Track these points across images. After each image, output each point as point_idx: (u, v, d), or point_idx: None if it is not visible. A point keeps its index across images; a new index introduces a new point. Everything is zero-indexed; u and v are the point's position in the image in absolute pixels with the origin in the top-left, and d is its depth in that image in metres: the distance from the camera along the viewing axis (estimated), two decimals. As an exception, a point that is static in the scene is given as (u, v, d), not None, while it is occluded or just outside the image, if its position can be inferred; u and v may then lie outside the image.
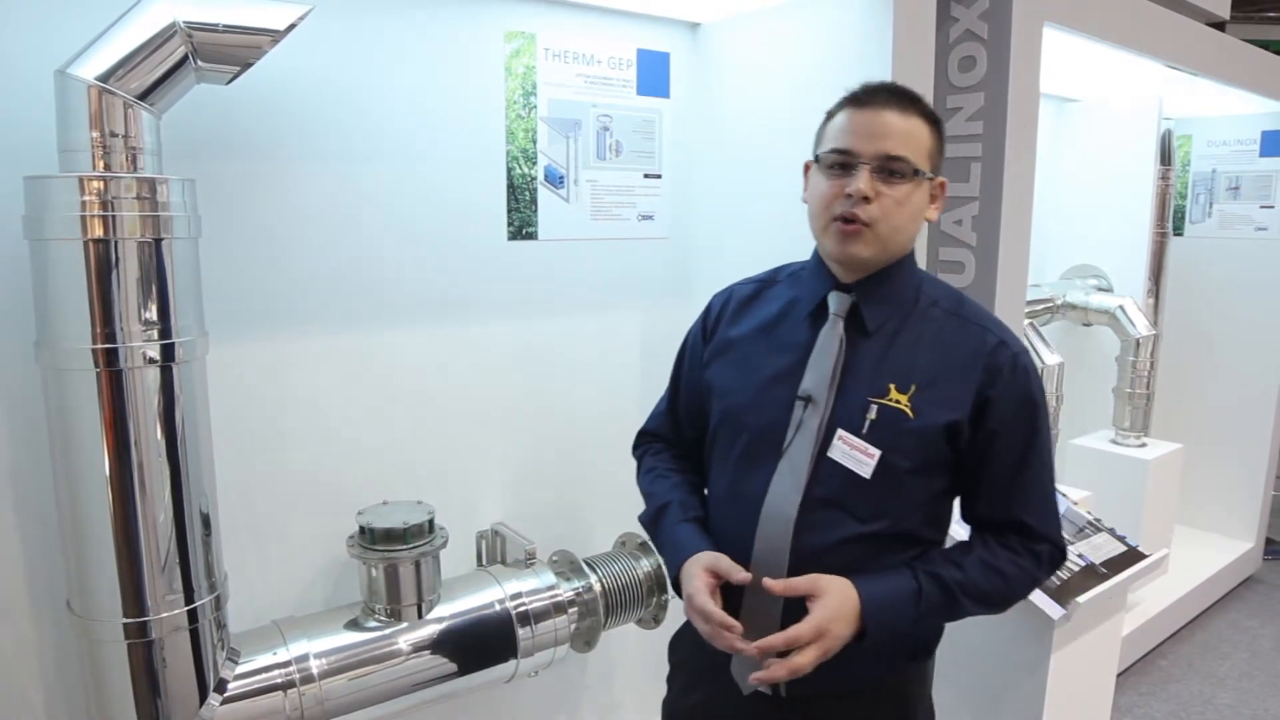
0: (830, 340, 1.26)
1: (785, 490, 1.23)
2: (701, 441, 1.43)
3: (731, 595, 1.26)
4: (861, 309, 1.26)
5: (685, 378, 1.47)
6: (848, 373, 1.25)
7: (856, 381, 1.24)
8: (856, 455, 1.22)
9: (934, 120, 1.26)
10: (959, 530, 1.37)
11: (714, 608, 1.21)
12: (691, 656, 1.45)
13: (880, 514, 1.23)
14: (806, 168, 1.32)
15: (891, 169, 1.20)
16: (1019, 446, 1.25)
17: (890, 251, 1.25)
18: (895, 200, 1.20)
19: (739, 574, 1.22)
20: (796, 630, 1.15)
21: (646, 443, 1.54)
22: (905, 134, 1.21)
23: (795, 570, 1.22)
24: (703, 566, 1.25)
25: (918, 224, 1.27)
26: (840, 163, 1.22)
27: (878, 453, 1.21)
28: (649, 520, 1.42)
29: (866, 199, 1.19)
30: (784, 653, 1.18)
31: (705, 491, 1.44)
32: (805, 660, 1.15)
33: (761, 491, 1.25)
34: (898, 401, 1.22)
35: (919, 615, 1.22)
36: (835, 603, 1.17)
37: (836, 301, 1.27)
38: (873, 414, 1.22)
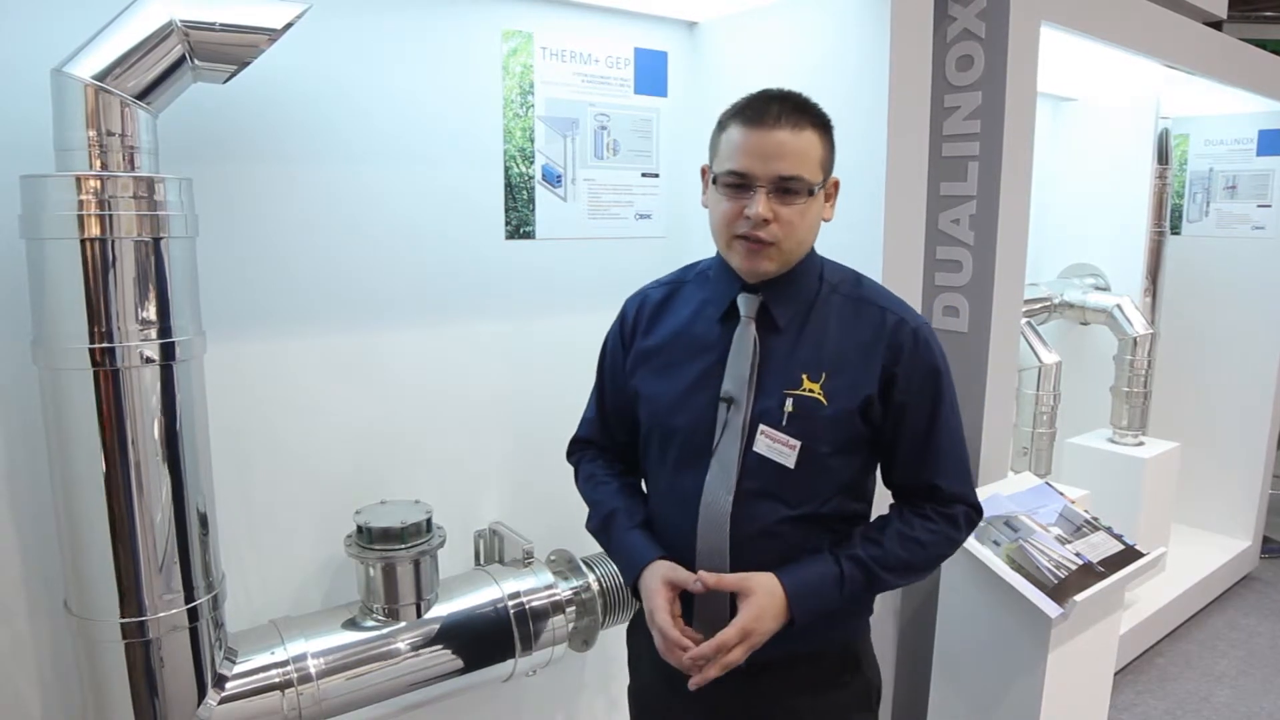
0: (744, 341, 1.32)
1: (718, 487, 1.31)
2: (633, 444, 1.50)
3: (687, 593, 1.33)
4: (770, 308, 1.33)
5: (610, 385, 1.52)
6: (763, 369, 1.31)
7: (772, 377, 1.31)
8: (779, 448, 1.29)
9: (825, 125, 1.30)
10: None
11: (672, 628, 1.28)
12: (648, 640, 1.48)
13: (808, 497, 1.31)
14: (704, 171, 1.35)
15: (787, 188, 1.24)
16: (926, 415, 1.32)
17: (793, 261, 1.32)
18: (793, 218, 1.26)
19: (694, 585, 1.29)
20: (723, 637, 1.24)
21: (580, 450, 1.59)
22: (798, 153, 1.24)
23: (736, 557, 1.31)
24: (661, 580, 1.32)
25: (817, 228, 1.33)
26: (737, 184, 1.26)
27: (798, 443, 1.28)
28: (597, 528, 1.49)
29: (767, 220, 1.24)
30: None
31: (644, 489, 1.50)
32: (734, 658, 1.25)
33: (698, 490, 1.32)
34: (811, 391, 1.29)
35: (843, 596, 1.30)
36: (762, 603, 1.25)
37: (746, 303, 1.33)
38: (789, 406, 1.29)
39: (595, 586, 2.09)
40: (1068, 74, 3.22)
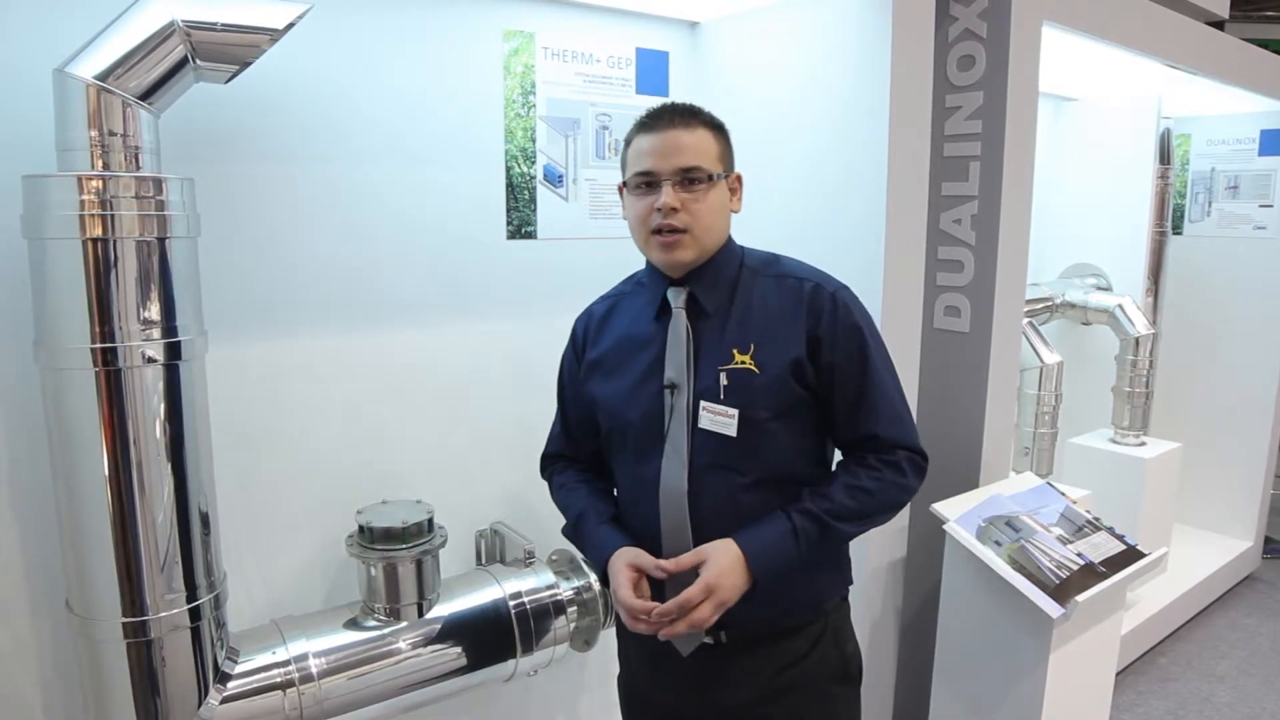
0: (678, 330, 1.42)
1: (673, 468, 1.40)
2: (600, 453, 1.59)
3: (659, 582, 1.40)
4: (697, 296, 1.43)
5: (570, 398, 1.62)
6: (699, 352, 1.41)
7: (707, 358, 1.40)
8: (720, 419, 1.37)
9: (716, 126, 1.43)
10: None
11: (633, 598, 1.35)
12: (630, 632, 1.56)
13: (757, 463, 1.38)
14: (620, 189, 1.46)
15: (690, 178, 1.37)
16: (856, 370, 1.39)
17: (707, 248, 1.41)
18: (698, 205, 1.37)
19: (655, 571, 1.37)
20: (687, 594, 1.30)
21: (551, 464, 1.68)
22: (694, 147, 1.37)
23: (698, 534, 1.38)
24: (625, 563, 1.39)
25: (725, 217, 1.44)
26: (645, 183, 1.38)
27: (735, 410, 1.36)
28: (570, 530, 1.57)
29: (675, 209, 1.36)
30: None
31: (615, 492, 1.58)
32: (702, 615, 1.30)
33: (656, 475, 1.41)
34: (743, 363, 1.38)
35: (800, 550, 1.36)
36: (721, 562, 1.32)
37: (674, 295, 1.44)
38: (724, 380, 1.38)
39: (597, 586, 2.09)
40: (1069, 74, 3.21)
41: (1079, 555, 2.12)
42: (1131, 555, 2.20)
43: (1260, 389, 3.99)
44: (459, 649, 1.88)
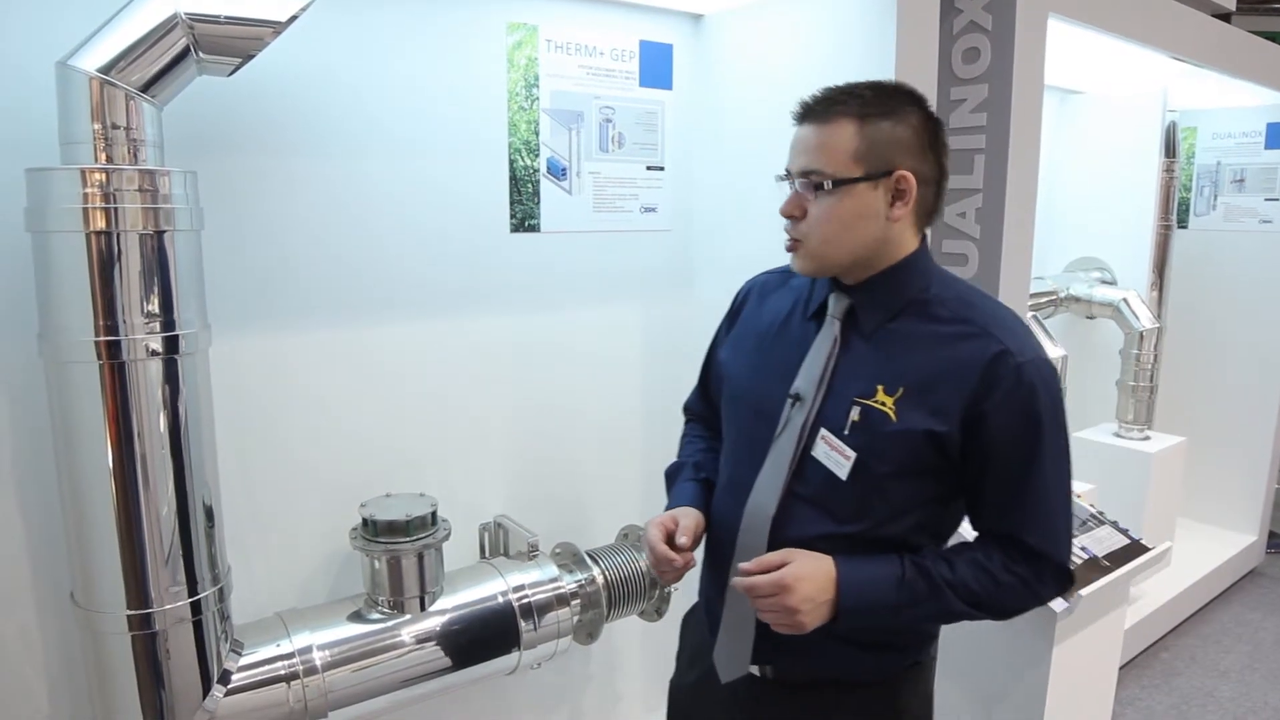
0: (825, 341, 1.27)
1: (768, 485, 1.26)
2: None
3: (719, 572, 1.33)
4: (858, 311, 1.26)
5: (713, 357, 1.52)
6: (839, 373, 1.24)
7: (846, 382, 1.24)
8: (835, 455, 1.21)
9: (869, 115, 1.20)
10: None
11: (660, 544, 1.27)
12: (692, 633, 1.51)
13: (859, 516, 1.22)
14: None
15: (811, 184, 1.21)
16: (1019, 463, 1.19)
17: (835, 262, 1.24)
18: (815, 213, 1.21)
19: (684, 536, 1.28)
20: (758, 580, 1.17)
21: (687, 414, 1.61)
22: (819, 145, 1.20)
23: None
24: (671, 516, 1.32)
25: (859, 231, 1.21)
26: (787, 182, 1.25)
27: (854, 454, 1.20)
28: (668, 477, 1.49)
29: (792, 215, 1.23)
30: (776, 637, 1.22)
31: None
32: (758, 599, 1.18)
33: (750, 480, 1.28)
34: (883, 404, 1.20)
35: (899, 601, 1.19)
36: (810, 565, 1.17)
37: (835, 303, 1.28)
38: (855, 415, 1.21)
39: (600, 580, 2.09)
40: (1075, 67, 3.19)
41: (1083, 549, 2.12)
42: (1135, 549, 2.20)
43: (1265, 383, 3.98)
44: (462, 642, 1.88)
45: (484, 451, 2.22)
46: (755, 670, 1.32)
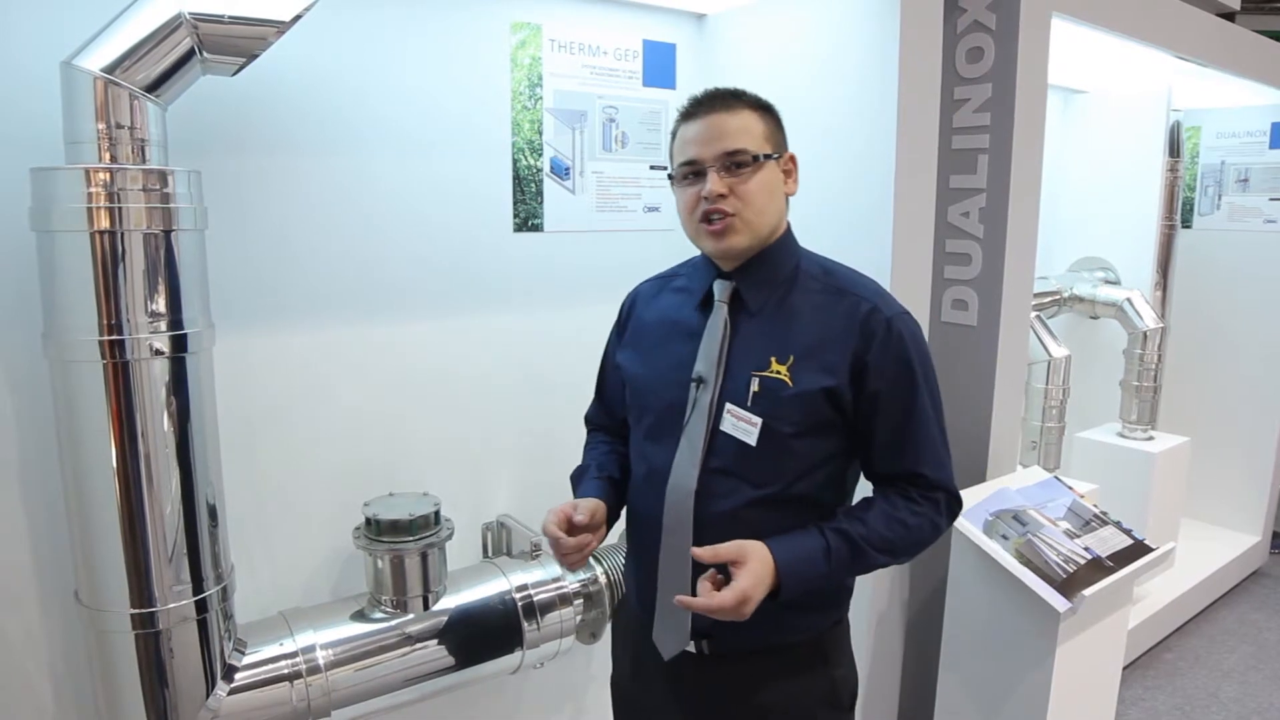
0: (716, 325, 1.37)
1: (685, 464, 1.35)
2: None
3: (647, 559, 1.41)
4: (742, 292, 1.37)
5: (607, 368, 1.62)
6: (734, 351, 1.36)
7: (741, 358, 1.35)
8: (743, 425, 1.32)
9: (763, 106, 1.37)
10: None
11: (552, 526, 1.35)
12: (625, 626, 1.58)
13: (772, 478, 1.33)
14: (671, 181, 1.42)
15: (735, 162, 1.31)
16: (902, 404, 1.34)
17: (761, 234, 1.35)
18: (747, 188, 1.32)
19: (581, 515, 1.36)
20: (720, 599, 1.22)
21: (590, 428, 1.69)
22: (738, 129, 1.32)
23: (700, 535, 1.33)
24: (569, 503, 1.39)
25: (778, 201, 1.37)
26: (691, 172, 1.34)
27: (759, 420, 1.31)
28: (573, 480, 1.56)
29: (722, 195, 1.31)
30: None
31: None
32: (722, 613, 1.23)
33: (667, 466, 1.37)
34: (778, 373, 1.32)
35: (829, 570, 1.31)
36: (759, 571, 1.24)
37: (720, 289, 1.39)
38: (755, 386, 1.32)
39: (603, 579, 2.09)
40: (1079, 66, 3.19)
41: (1086, 549, 2.11)
42: (1139, 550, 2.20)
43: (1269, 383, 3.97)
44: (465, 641, 1.88)
45: (487, 451, 2.22)
46: (692, 648, 1.40)
